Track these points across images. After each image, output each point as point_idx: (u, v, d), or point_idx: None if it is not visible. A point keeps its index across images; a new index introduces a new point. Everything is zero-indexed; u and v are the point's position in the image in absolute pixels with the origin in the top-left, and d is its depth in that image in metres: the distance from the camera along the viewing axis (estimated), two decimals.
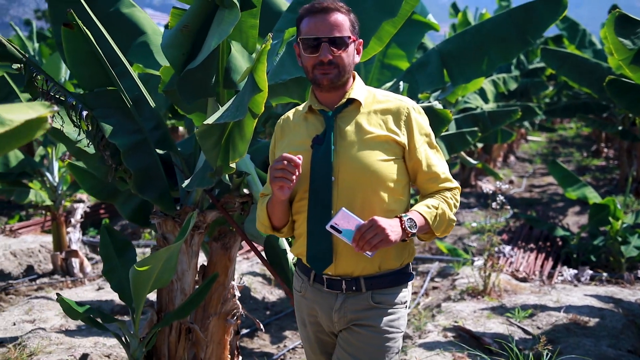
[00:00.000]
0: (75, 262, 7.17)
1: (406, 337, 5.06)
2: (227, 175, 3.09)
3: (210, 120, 2.56)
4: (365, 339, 2.21)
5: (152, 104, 3.40)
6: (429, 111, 3.51)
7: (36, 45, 11.61)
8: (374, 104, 2.26)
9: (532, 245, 7.47)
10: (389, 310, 2.23)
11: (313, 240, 2.20)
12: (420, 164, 2.24)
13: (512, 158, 17.09)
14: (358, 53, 2.26)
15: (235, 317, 3.58)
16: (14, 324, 5.03)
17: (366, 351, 2.21)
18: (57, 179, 7.10)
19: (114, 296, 5.84)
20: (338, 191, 2.16)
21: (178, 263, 3.28)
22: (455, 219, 2.28)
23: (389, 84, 5.60)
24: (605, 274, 6.49)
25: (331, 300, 2.25)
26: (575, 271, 6.53)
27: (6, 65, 4.53)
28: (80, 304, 3.10)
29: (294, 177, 2.05)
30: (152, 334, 3.22)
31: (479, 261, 6.61)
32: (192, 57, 3.03)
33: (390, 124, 2.22)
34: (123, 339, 3.29)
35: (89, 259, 7.78)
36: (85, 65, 3.04)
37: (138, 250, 8.12)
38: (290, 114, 2.40)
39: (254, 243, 3.29)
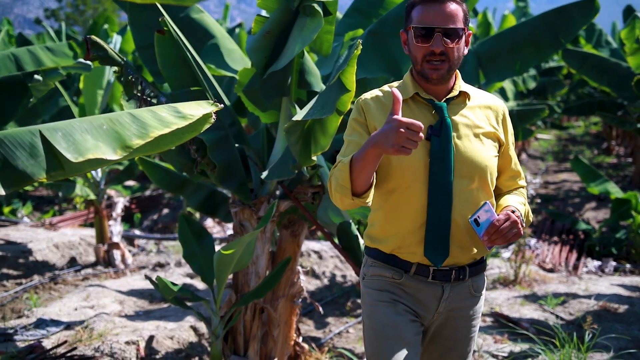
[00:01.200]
0: (116, 253, 7.47)
1: None
2: (304, 167, 3.39)
3: (298, 116, 2.87)
4: (463, 330, 2.30)
5: (227, 102, 3.71)
6: None
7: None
8: (477, 99, 2.27)
9: (555, 238, 7.77)
10: (480, 297, 2.33)
11: (433, 233, 2.16)
12: (510, 161, 2.32)
13: (524, 155, 17.36)
14: (467, 44, 2.21)
15: (300, 299, 3.89)
16: (76, 309, 5.34)
17: (463, 341, 2.32)
18: (99, 175, 7.41)
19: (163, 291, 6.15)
20: (456, 184, 2.15)
21: (254, 248, 3.58)
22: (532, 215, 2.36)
23: None
24: (628, 265, 6.79)
25: (437, 290, 2.23)
26: (599, 262, 6.83)
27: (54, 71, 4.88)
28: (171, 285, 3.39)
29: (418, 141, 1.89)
30: (232, 313, 3.52)
31: (506, 253, 6.91)
32: (273, 59, 3.33)
33: (492, 120, 2.25)
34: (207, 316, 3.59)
35: (128, 252, 8.10)
36: (174, 67, 3.35)
37: (175, 243, 8.44)
38: (371, 94, 2.28)
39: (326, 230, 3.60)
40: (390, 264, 2.25)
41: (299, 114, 2.90)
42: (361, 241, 3.41)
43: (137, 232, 9.13)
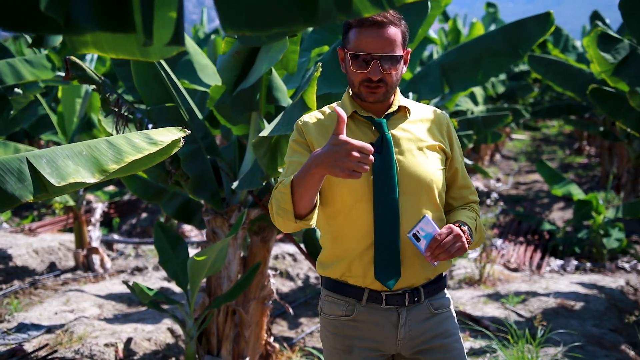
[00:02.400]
0: (96, 258, 7.64)
1: None
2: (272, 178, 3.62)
3: (265, 132, 3.10)
4: (444, 351, 2.18)
5: (200, 115, 3.93)
6: None
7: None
8: (418, 112, 2.23)
9: (521, 238, 8.08)
10: (448, 314, 2.22)
11: (382, 254, 2.08)
12: (457, 174, 2.25)
13: (498, 156, 17.73)
14: (405, 63, 2.15)
15: (270, 301, 4.11)
16: (56, 314, 5.51)
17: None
18: None
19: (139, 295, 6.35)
20: (402, 202, 2.09)
21: (226, 254, 3.80)
22: (485, 233, 2.36)
23: None
24: (589, 264, 7.11)
25: (392, 316, 2.13)
26: (562, 262, 7.15)
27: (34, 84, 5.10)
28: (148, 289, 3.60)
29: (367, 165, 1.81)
30: (205, 315, 3.74)
31: (473, 253, 7.20)
32: (242, 77, 3.56)
33: (435, 132, 2.20)
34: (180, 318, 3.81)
35: (107, 256, 8.26)
36: (149, 84, 3.56)
37: (153, 247, 8.62)
38: (310, 117, 2.22)
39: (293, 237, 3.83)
40: (342, 294, 2.16)
41: (265, 130, 3.13)
42: None
43: (115, 236, 9.29)
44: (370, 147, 1.80)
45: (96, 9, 1.15)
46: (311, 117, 2.23)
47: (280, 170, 3.33)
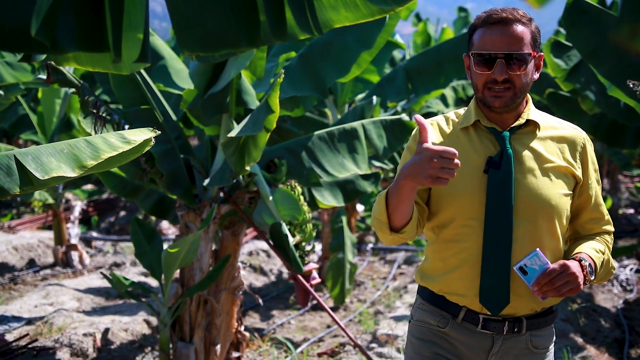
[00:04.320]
0: (74, 255, 7.85)
1: (378, 312, 5.92)
2: (240, 176, 3.89)
3: (233, 133, 3.38)
4: None
5: (174, 117, 4.18)
6: (397, 123, 4.35)
7: None
8: (549, 129, 2.03)
9: None
10: (547, 355, 2.06)
11: (489, 278, 1.93)
12: (589, 201, 2.04)
13: None
14: (538, 69, 1.98)
15: (240, 292, 4.37)
16: (36, 307, 5.73)
17: None
18: None
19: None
20: (517, 224, 1.92)
21: (198, 247, 4.05)
22: (615, 266, 2.10)
23: (361, 95, 6.47)
24: None
25: (486, 342, 1.99)
26: None
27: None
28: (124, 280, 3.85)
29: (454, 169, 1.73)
30: (179, 304, 3.99)
31: None
32: (213, 82, 3.82)
33: (566, 153, 1.99)
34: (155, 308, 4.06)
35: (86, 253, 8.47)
36: (126, 88, 3.81)
37: (131, 244, 8.84)
38: (430, 121, 2.07)
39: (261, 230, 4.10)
40: (437, 306, 2.03)
41: (234, 131, 3.40)
42: (291, 239, 3.91)
43: (94, 234, 9.49)
44: (452, 150, 1.72)
45: (76, 33, 1.41)
46: (432, 122, 2.08)
47: (247, 168, 3.60)
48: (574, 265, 1.85)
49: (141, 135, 2.30)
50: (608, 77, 3.98)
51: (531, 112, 2.02)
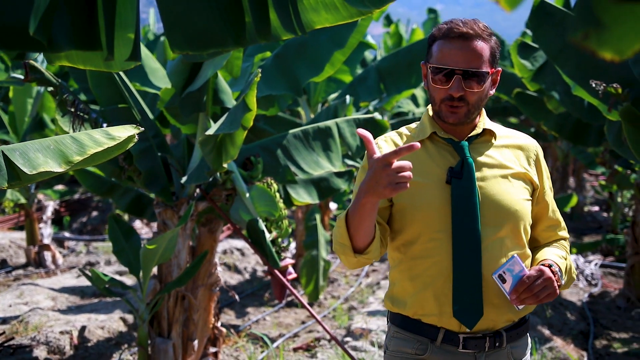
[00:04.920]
0: (47, 255, 7.82)
1: (351, 308, 6.03)
2: (217, 173, 3.96)
3: (211, 131, 3.45)
4: None
5: (151, 115, 4.24)
6: (370, 122, 4.47)
7: None
8: (504, 138, 2.04)
9: None
10: None
11: (460, 290, 1.88)
12: (547, 208, 2.06)
13: None
14: (494, 84, 1.96)
15: (217, 288, 4.45)
16: (10, 306, 5.72)
17: None
18: None
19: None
20: (484, 233, 1.89)
21: (175, 243, 4.12)
22: (576, 272, 2.08)
23: (334, 95, 6.57)
24: None
25: None
26: None
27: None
28: (103, 275, 3.89)
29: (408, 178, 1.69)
30: (157, 299, 4.05)
31: None
32: (190, 81, 3.89)
33: (522, 161, 2.00)
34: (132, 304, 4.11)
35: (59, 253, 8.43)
36: (103, 86, 3.86)
37: (102, 244, 8.83)
38: (384, 138, 2.06)
39: (238, 226, 4.17)
40: (413, 332, 1.97)
41: (211, 129, 3.48)
42: (267, 235, 3.99)
43: (66, 234, 9.45)
44: (395, 150, 1.68)
45: (72, 33, 1.48)
46: (385, 136, 2.07)
47: (225, 165, 3.68)
48: (547, 270, 1.84)
49: (125, 132, 2.37)
50: (572, 77, 4.14)
51: (486, 121, 2.02)
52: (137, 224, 9.76)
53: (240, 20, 1.52)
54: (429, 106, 2.04)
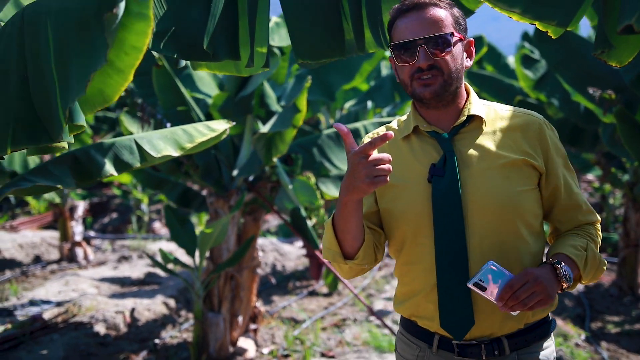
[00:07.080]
0: (79, 251, 8.37)
1: (370, 295, 6.61)
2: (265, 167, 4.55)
3: (265, 129, 4.05)
4: None
5: (203, 117, 4.83)
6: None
7: None
8: (497, 120, 1.81)
9: None
10: None
11: (446, 299, 1.74)
12: (559, 192, 1.81)
13: None
14: (469, 56, 1.81)
15: (258, 270, 5.02)
16: (60, 292, 6.27)
17: None
18: None
19: (130, 273, 7.18)
20: (471, 235, 1.72)
21: (227, 229, 4.70)
22: (606, 261, 1.83)
23: (351, 102, 7.19)
24: None
25: None
26: None
27: None
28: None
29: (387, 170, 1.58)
30: (210, 278, 4.62)
31: None
32: (242, 86, 4.48)
33: (521, 144, 1.77)
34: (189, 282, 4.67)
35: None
36: (167, 92, 4.44)
37: (126, 242, 9.39)
38: (370, 134, 1.95)
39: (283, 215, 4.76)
40: (412, 334, 1.88)
41: (265, 128, 4.08)
42: (309, 222, 4.58)
43: (91, 233, 10.00)
44: (369, 142, 1.57)
45: (226, 46, 2.08)
46: (372, 134, 1.94)
47: (274, 160, 4.27)
48: (542, 272, 1.65)
49: (221, 125, 2.97)
50: (571, 84, 4.76)
51: (473, 106, 1.81)
52: (157, 224, 10.32)
53: (344, 35, 2.13)
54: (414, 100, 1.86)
